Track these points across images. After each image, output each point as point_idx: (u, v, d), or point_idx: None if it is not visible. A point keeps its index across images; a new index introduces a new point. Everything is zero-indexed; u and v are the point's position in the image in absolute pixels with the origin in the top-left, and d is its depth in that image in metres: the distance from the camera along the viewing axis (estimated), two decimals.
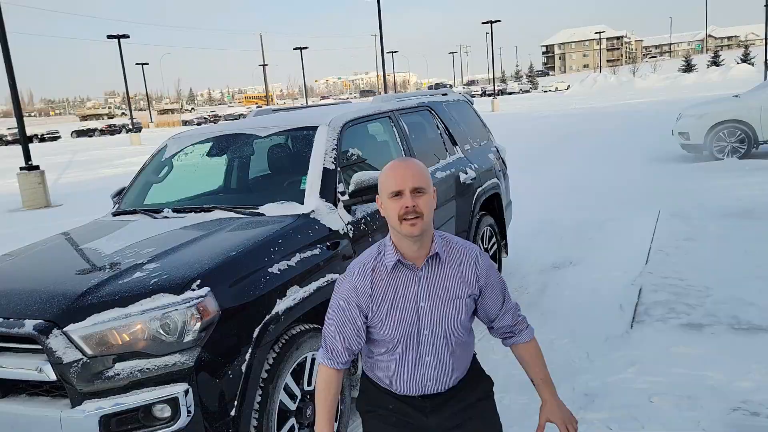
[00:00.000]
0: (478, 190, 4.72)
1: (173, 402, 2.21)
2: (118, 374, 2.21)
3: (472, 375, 1.97)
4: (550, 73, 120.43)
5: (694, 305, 4.21)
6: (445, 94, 5.20)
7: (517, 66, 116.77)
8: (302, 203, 3.14)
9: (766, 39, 38.70)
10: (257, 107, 6.72)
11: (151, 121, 63.74)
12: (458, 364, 1.90)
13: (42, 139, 48.43)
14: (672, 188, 8.41)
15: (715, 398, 3.05)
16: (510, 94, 77.39)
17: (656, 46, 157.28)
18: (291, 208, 3.12)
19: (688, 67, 66.16)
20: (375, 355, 1.90)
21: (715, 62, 67.33)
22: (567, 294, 4.81)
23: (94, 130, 56.40)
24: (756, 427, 2.80)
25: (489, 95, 59.19)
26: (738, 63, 58.03)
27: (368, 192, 3.15)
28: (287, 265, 2.71)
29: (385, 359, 1.88)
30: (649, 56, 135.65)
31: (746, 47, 72.91)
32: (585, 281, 5.01)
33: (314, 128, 3.50)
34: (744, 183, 8.23)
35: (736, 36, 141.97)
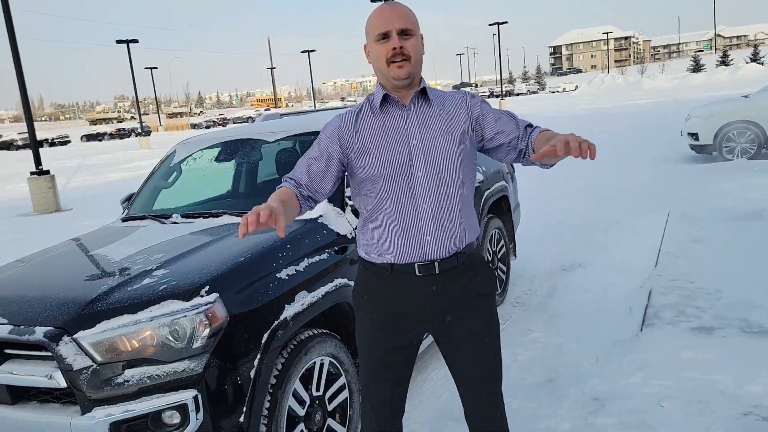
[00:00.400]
0: (486, 192, 4.71)
1: (182, 408, 2.22)
2: (128, 381, 2.22)
3: (472, 263, 1.87)
4: (567, 72, 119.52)
5: (704, 308, 4.18)
6: None
7: (524, 67, 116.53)
8: None
9: None
10: (266, 110, 6.74)
11: (160, 125, 64.16)
12: (457, 221, 1.79)
13: (52, 144, 48.85)
14: (681, 190, 8.35)
15: (726, 403, 3.02)
16: (518, 95, 77.25)
17: (664, 46, 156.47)
18: None
19: (697, 67, 65.77)
20: (370, 209, 1.81)
21: (724, 62, 66.85)
22: (575, 297, 4.79)
23: (104, 134, 56.83)
24: None
25: (496, 96, 59.08)
26: (747, 62, 57.58)
27: None
28: (295, 270, 2.72)
29: (381, 215, 1.80)
30: (655, 56, 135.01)
31: (755, 46, 72.36)
32: (594, 284, 4.99)
33: None
34: (754, 184, 8.16)
35: (745, 35, 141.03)
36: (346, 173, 1.87)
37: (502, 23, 47.59)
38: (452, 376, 1.99)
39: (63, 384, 2.21)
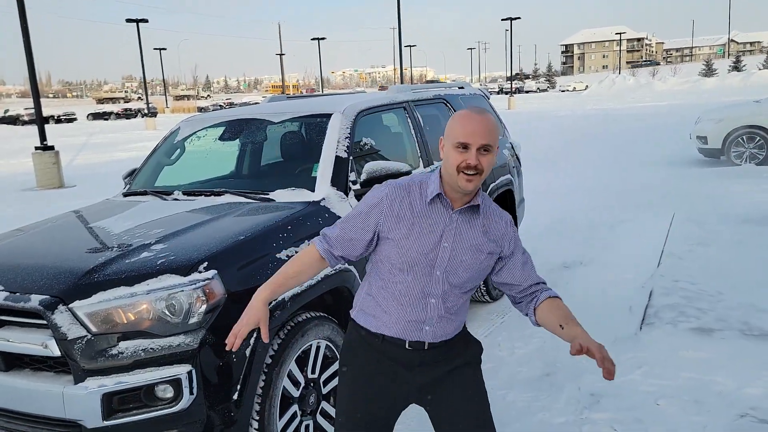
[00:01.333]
0: (491, 185, 4.68)
1: (176, 383, 2.20)
2: (122, 353, 2.20)
3: (462, 336, 1.94)
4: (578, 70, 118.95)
5: (705, 310, 4.15)
6: (462, 88, 5.16)
7: (535, 64, 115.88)
8: (313, 191, 3.13)
9: None
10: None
11: (167, 107, 64.15)
12: (456, 319, 1.88)
13: (58, 121, 48.88)
14: (687, 192, 8.30)
15: (723, 404, 3.00)
16: (527, 92, 76.89)
17: (677, 49, 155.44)
18: (301, 195, 3.11)
19: (709, 72, 65.34)
20: (379, 284, 1.84)
21: (737, 67, 66.41)
22: (576, 294, 4.75)
23: (110, 113, 56.86)
24: None
25: (506, 93, 58.84)
26: (760, 69, 57.20)
27: (380, 182, 3.12)
28: (295, 252, 2.69)
29: (388, 293, 1.82)
30: (667, 59, 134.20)
31: None
32: (595, 282, 4.96)
33: (328, 116, 3.48)
34: (761, 189, 8.10)
35: (758, 41, 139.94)
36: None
37: (515, 19, 47.26)
38: None
39: (57, 353, 2.20)
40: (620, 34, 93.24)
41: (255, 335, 2.41)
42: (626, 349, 3.67)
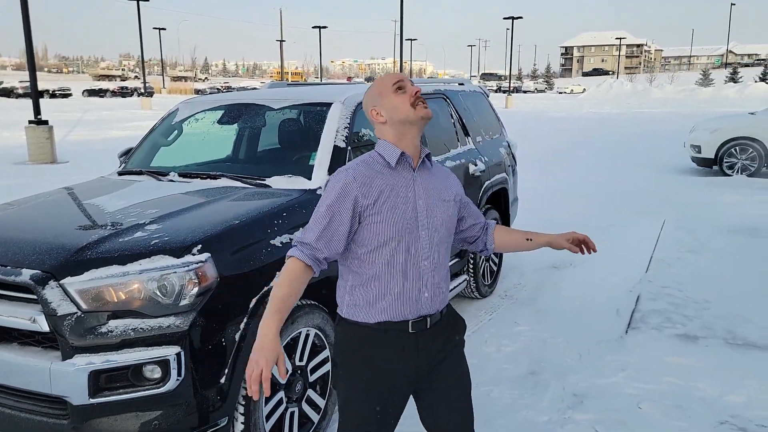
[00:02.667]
0: (486, 183, 4.69)
1: (164, 364, 2.20)
2: (112, 331, 2.20)
3: (450, 310, 1.98)
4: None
5: (691, 317, 4.19)
6: (462, 84, 5.16)
7: (534, 65, 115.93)
8: (310, 179, 3.12)
9: None
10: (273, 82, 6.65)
11: (164, 87, 63.66)
12: (445, 279, 1.91)
13: (53, 95, 48.35)
14: (679, 200, 8.37)
15: (705, 410, 3.04)
16: (525, 92, 76.91)
17: (675, 57, 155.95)
18: (298, 183, 3.10)
19: (706, 81, 65.64)
20: (364, 270, 1.79)
21: (734, 78, 66.75)
22: (564, 295, 4.79)
23: (106, 90, 56.31)
24: None
25: (504, 91, 58.84)
26: (756, 81, 57.53)
27: None
28: (289, 239, 2.69)
29: (377, 268, 1.78)
30: (665, 67, 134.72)
31: (766, 66, 72.23)
32: (583, 284, 5.00)
33: (328, 105, 3.47)
34: (752, 201, 8.18)
35: (756, 54, 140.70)
36: (352, 231, 1.79)
37: (517, 18, 47.22)
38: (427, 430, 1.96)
39: (46, 328, 2.19)
40: (620, 39, 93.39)
41: (246, 319, 2.41)
42: (611, 352, 3.71)
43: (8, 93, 47.88)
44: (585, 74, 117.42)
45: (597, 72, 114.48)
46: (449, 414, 1.93)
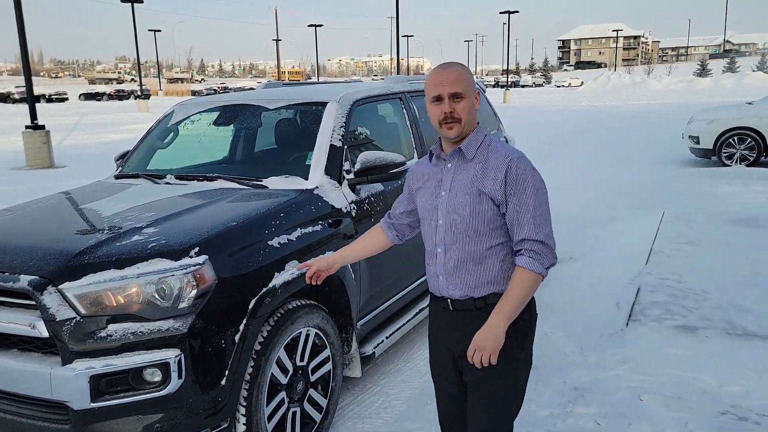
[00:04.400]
0: None
1: (164, 367, 2.20)
2: (111, 335, 2.20)
3: (493, 304, 1.84)
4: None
5: (691, 308, 4.20)
6: None
7: (532, 59, 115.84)
8: (306, 179, 3.12)
9: None
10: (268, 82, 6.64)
11: (160, 89, 63.59)
12: (469, 270, 1.87)
13: (49, 100, 48.36)
14: (677, 191, 8.36)
15: (705, 401, 3.04)
16: (523, 86, 76.85)
17: (673, 48, 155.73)
18: (295, 183, 3.10)
19: (703, 72, 65.58)
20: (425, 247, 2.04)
21: (731, 68, 66.68)
22: (565, 289, 4.79)
23: (103, 94, 56.32)
24: None
25: (501, 86, 58.77)
26: (754, 71, 57.46)
27: (374, 172, 3.13)
28: (287, 240, 2.70)
29: (425, 246, 2.03)
30: (663, 58, 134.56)
31: (763, 55, 72.15)
32: (584, 277, 5.00)
33: (324, 104, 3.47)
34: (750, 191, 8.17)
35: (754, 43, 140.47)
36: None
37: (513, 12, 47.14)
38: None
39: (45, 334, 2.20)
40: (617, 31, 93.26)
41: (246, 321, 2.42)
42: (612, 345, 3.71)
43: (5, 98, 47.88)
44: (578, 65, 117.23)
45: (590, 65, 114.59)
46: (472, 409, 1.97)
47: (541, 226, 1.81)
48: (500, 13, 48.50)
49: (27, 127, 12.73)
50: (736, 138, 10.50)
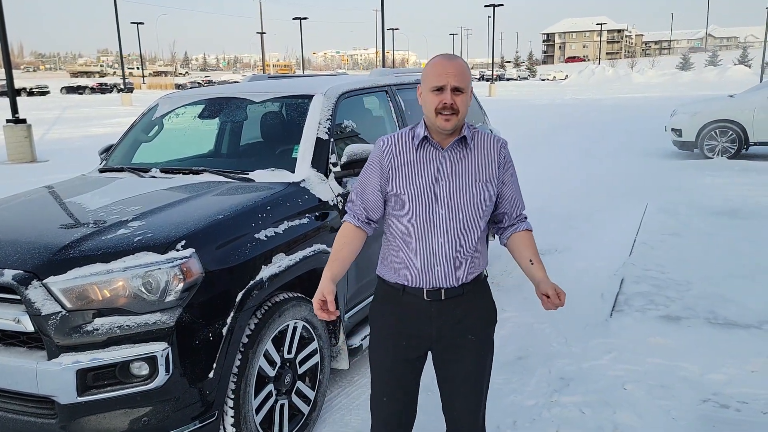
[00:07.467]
0: None
1: (151, 360, 2.20)
2: (97, 329, 2.19)
3: (480, 291, 1.99)
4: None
5: (674, 298, 4.26)
6: None
7: (516, 52, 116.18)
8: (293, 172, 3.12)
9: (765, 42, 38.77)
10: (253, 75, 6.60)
11: (144, 83, 62.84)
12: (470, 257, 1.92)
13: (30, 93, 47.62)
14: (661, 183, 8.47)
15: (688, 389, 3.10)
16: (508, 80, 77.07)
17: (656, 42, 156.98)
18: (281, 176, 3.10)
19: (686, 65, 66.23)
20: (394, 235, 1.96)
21: (713, 62, 67.37)
22: (550, 280, 4.84)
23: (85, 87, 55.56)
24: (725, 419, 2.86)
25: (487, 80, 58.88)
26: (735, 64, 58.14)
27: (360, 165, 3.13)
28: (274, 233, 2.69)
29: (401, 241, 1.93)
30: (646, 51, 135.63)
31: (745, 49, 73.01)
32: (569, 269, 5.05)
33: (309, 97, 3.46)
34: (732, 183, 8.30)
35: (735, 37, 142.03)
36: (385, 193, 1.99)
37: (498, 5, 47.17)
38: (440, 397, 2.08)
39: (30, 328, 2.18)
40: (601, 24, 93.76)
41: (233, 314, 2.41)
42: (596, 335, 3.76)
43: None
44: (568, 59, 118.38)
45: (574, 59, 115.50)
46: (457, 395, 2.01)
47: (523, 204, 2.07)
48: (485, 6, 48.49)
49: (8, 120, 12.54)
50: (718, 131, 10.63)
